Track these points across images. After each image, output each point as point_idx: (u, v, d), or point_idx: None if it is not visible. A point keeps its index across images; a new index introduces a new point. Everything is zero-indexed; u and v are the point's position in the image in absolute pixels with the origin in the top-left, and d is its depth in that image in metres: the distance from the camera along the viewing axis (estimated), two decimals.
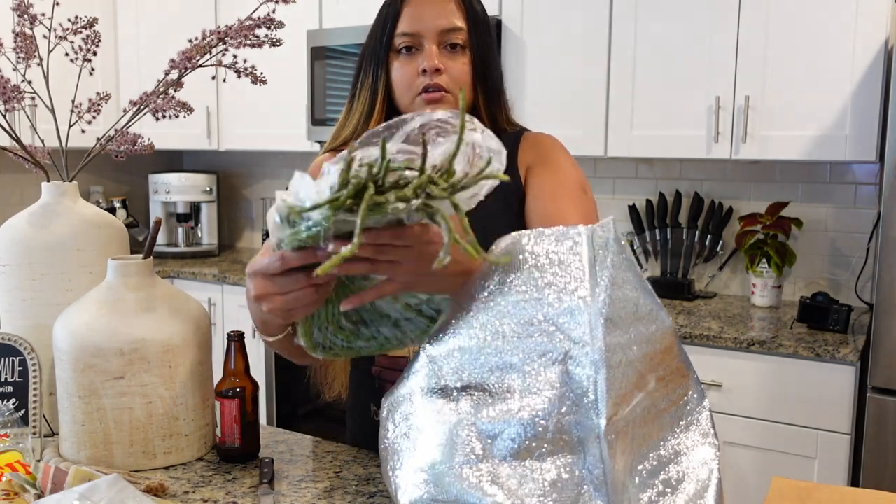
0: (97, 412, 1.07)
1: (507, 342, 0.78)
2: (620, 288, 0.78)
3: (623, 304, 0.78)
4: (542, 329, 0.77)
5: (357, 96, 1.18)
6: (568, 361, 0.75)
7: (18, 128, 1.25)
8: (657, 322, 0.81)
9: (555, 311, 0.77)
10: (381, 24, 1.15)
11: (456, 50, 1.13)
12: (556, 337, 0.76)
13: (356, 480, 1.07)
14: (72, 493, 0.87)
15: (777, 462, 2.09)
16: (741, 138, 2.32)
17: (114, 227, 1.27)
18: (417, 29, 1.12)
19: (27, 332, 1.20)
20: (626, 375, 0.76)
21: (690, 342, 2.16)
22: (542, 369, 0.76)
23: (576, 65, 2.55)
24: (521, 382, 0.76)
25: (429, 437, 0.78)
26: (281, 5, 1.19)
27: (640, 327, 0.79)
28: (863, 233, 2.48)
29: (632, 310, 0.79)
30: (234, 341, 1.13)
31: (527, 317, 0.78)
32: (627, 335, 0.77)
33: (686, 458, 0.81)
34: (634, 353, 0.77)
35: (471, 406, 0.78)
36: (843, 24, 2.16)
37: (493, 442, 0.76)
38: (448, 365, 0.80)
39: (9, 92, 1.17)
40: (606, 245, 0.80)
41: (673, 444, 0.81)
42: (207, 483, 1.05)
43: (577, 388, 0.75)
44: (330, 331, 0.90)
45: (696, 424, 0.84)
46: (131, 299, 1.09)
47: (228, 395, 1.11)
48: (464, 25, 1.13)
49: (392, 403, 0.83)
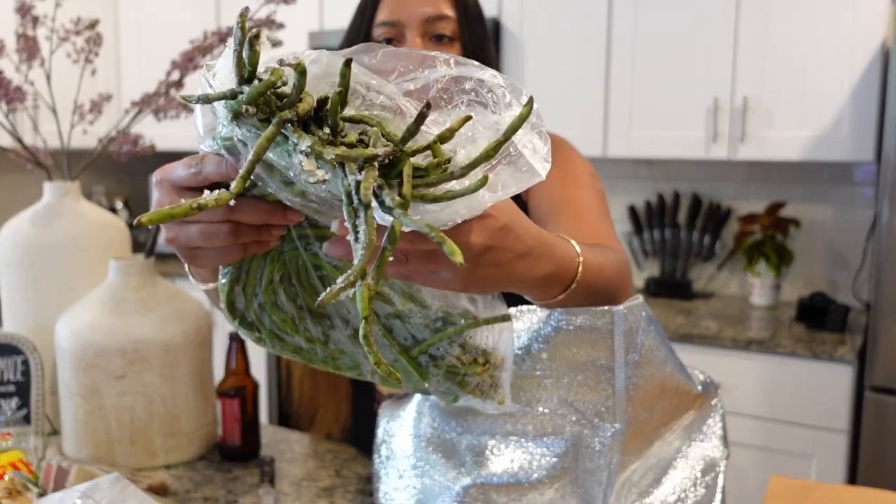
0: (99, 411, 1.07)
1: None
2: (647, 367, 0.75)
3: (649, 383, 0.76)
4: (561, 412, 0.75)
5: None
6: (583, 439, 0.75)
7: (21, 128, 1.26)
8: (680, 396, 0.80)
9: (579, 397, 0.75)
10: (360, 13, 1.03)
11: (443, 42, 0.99)
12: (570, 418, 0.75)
13: (356, 479, 1.07)
14: (73, 491, 0.88)
15: (775, 461, 2.10)
16: (739, 139, 2.33)
17: (115, 227, 1.28)
18: (398, 17, 0.98)
19: (29, 332, 1.21)
20: (642, 434, 0.76)
21: (689, 342, 2.16)
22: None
23: (575, 65, 2.56)
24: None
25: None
26: (282, 6, 1.20)
27: (664, 402, 0.78)
28: (860, 233, 2.48)
29: (657, 390, 0.77)
30: (235, 341, 1.13)
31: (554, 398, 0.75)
32: (649, 412, 0.76)
33: (688, 470, 0.81)
34: (653, 419, 0.77)
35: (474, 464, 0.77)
36: (841, 25, 2.16)
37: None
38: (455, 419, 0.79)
39: (11, 93, 1.18)
40: (637, 328, 0.74)
41: (676, 457, 0.81)
42: (209, 482, 1.06)
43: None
44: (259, 302, 0.67)
45: (701, 441, 0.84)
46: (133, 299, 1.10)
47: (229, 394, 1.11)
48: (452, 14, 1.00)
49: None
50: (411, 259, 0.53)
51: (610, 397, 0.73)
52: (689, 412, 0.81)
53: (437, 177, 0.49)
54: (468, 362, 0.68)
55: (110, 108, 1.32)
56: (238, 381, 1.12)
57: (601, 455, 0.74)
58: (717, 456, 0.85)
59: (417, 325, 0.67)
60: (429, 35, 0.99)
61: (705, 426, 0.84)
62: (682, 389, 0.79)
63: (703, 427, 0.84)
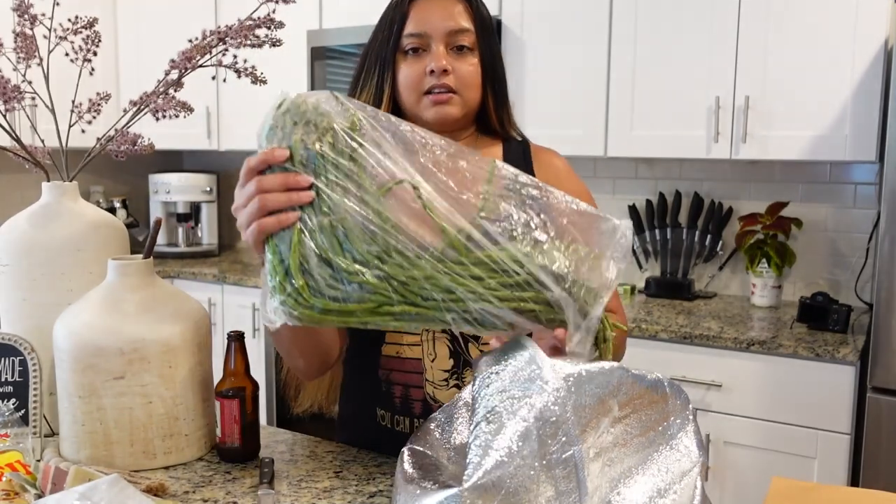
0: (97, 412, 1.07)
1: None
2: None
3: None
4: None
5: (357, 97, 1.17)
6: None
7: (18, 128, 1.25)
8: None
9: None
10: (388, 24, 1.15)
11: (463, 52, 1.14)
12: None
13: (356, 480, 1.07)
14: (72, 493, 0.87)
15: (777, 462, 2.09)
16: (741, 138, 2.32)
17: (114, 227, 1.27)
18: (425, 30, 1.12)
19: (27, 332, 1.20)
20: (587, 404, 0.77)
21: (690, 342, 2.16)
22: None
23: (576, 65, 2.55)
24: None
25: None
26: (281, 5, 1.19)
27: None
28: (862, 233, 2.48)
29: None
30: (235, 341, 1.13)
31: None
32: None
33: (667, 482, 0.81)
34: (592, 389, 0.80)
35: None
36: (843, 24, 2.16)
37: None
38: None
39: (9, 92, 1.17)
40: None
41: (653, 469, 0.81)
42: (208, 483, 1.05)
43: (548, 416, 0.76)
44: (316, 260, 0.78)
45: (677, 449, 0.83)
46: (131, 299, 1.09)
47: (228, 394, 1.11)
48: (471, 27, 1.14)
49: None
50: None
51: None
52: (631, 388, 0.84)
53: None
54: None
55: (109, 108, 1.32)
56: (237, 381, 1.12)
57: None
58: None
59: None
60: (451, 46, 1.13)
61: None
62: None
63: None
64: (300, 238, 0.79)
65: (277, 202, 0.79)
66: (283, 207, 0.79)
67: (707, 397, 2.16)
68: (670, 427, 0.83)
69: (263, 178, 0.81)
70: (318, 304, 0.78)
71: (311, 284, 0.78)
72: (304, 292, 0.78)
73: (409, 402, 1.15)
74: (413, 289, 0.78)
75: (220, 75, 1.25)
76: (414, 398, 1.15)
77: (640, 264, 2.82)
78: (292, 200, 0.79)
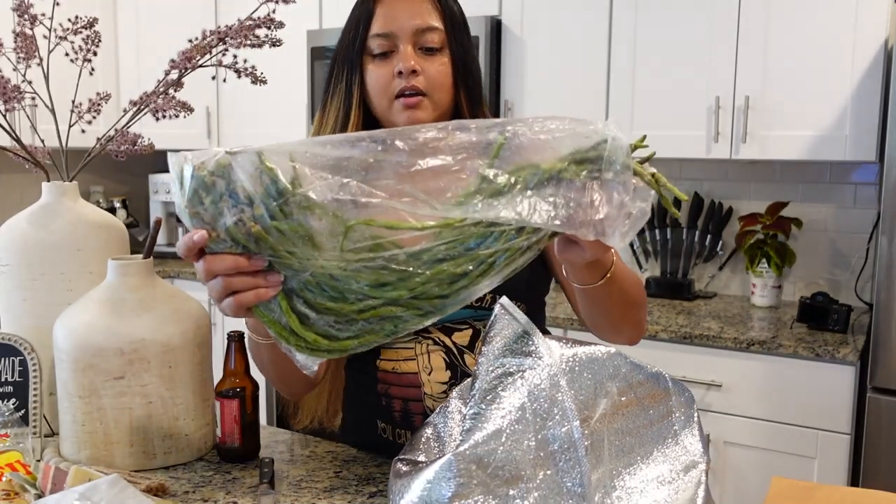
0: (97, 412, 1.07)
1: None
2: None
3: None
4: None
5: (329, 103, 1.13)
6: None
7: (18, 128, 1.25)
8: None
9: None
10: (353, 25, 1.10)
11: (433, 53, 1.08)
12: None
13: (356, 480, 1.07)
14: (72, 493, 0.87)
15: (777, 462, 2.09)
16: (741, 138, 2.32)
17: (114, 227, 1.27)
18: (391, 29, 1.07)
19: (27, 332, 1.20)
20: (584, 385, 0.79)
21: (690, 342, 2.16)
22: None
23: (576, 65, 2.55)
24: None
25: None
26: (281, 5, 1.19)
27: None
28: (863, 233, 2.48)
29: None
30: (235, 341, 1.13)
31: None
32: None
33: (671, 474, 0.81)
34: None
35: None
36: (843, 24, 2.16)
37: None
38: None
39: (9, 92, 1.17)
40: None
41: (658, 459, 0.81)
42: (207, 483, 1.05)
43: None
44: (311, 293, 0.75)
45: (682, 444, 0.84)
46: (131, 299, 1.09)
47: (228, 395, 1.11)
48: (440, 25, 1.09)
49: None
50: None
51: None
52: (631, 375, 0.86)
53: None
54: None
55: (109, 108, 1.32)
56: (237, 381, 1.12)
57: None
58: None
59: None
60: (419, 46, 1.08)
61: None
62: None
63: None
64: (289, 303, 0.76)
65: (244, 284, 0.75)
66: (250, 288, 0.76)
67: (707, 397, 2.16)
68: (674, 423, 0.83)
69: (213, 261, 0.75)
70: (338, 347, 0.77)
71: (322, 332, 0.76)
72: (321, 342, 0.77)
73: (409, 416, 1.13)
74: (423, 296, 0.76)
75: (220, 75, 1.25)
76: (414, 412, 1.13)
77: (640, 264, 2.82)
78: (259, 284, 0.75)
